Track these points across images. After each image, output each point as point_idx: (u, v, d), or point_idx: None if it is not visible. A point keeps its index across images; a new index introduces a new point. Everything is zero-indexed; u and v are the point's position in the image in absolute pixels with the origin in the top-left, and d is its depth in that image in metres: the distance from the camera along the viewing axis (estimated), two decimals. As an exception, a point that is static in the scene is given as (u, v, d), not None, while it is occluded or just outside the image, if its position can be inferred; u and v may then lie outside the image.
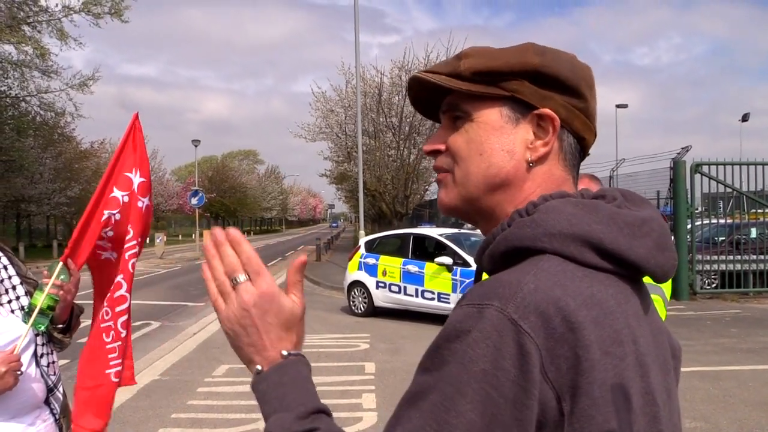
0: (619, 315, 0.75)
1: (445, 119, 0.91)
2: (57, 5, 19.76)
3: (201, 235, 36.16)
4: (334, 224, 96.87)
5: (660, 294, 2.77)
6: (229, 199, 69.53)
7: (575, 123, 0.87)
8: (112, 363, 2.23)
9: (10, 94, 22.56)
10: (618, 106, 38.93)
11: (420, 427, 0.68)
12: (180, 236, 56.30)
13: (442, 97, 0.90)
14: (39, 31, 19.86)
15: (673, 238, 8.91)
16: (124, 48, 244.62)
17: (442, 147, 0.90)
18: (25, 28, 19.42)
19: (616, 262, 0.78)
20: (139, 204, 2.30)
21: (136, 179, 2.29)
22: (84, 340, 2.32)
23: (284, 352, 0.81)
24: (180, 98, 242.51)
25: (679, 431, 0.87)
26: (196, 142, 37.05)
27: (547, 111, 0.84)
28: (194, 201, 31.10)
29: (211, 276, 0.84)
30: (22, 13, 19.32)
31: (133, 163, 2.30)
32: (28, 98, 22.92)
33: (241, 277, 0.82)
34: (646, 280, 2.80)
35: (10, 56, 20.61)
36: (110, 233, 2.24)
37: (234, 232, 0.85)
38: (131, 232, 2.27)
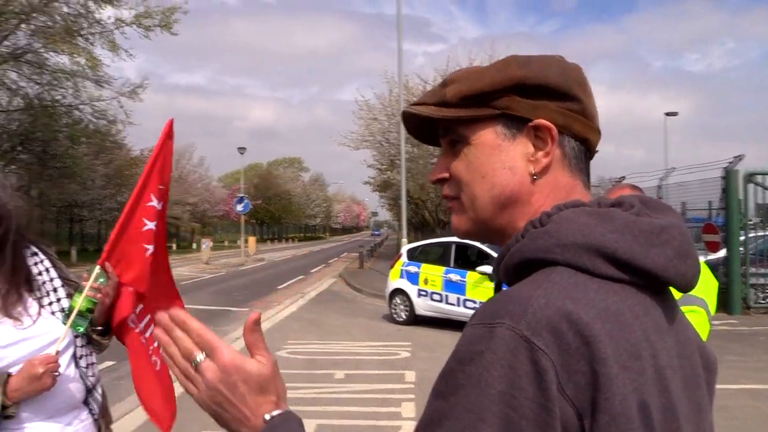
0: (636, 328, 0.72)
1: (444, 144, 0.91)
2: (110, 18, 20.42)
3: (246, 241, 36.69)
4: (376, 232, 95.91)
5: (703, 306, 2.66)
6: (274, 206, 70.50)
7: (574, 126, 0.85)
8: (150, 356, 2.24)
9: (64, 102, 23.35)
10: (667, 114, 38.03)
11: None
12: (226, 242, 57.30)
13: (437, 123, 0.90)
14: (92, 43, 20.55)
15: (725, 249, 8.54)
16: (174, 58, 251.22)
17: (446, 175, 0.90)
18: (79, 39, 20.09)
19: (632, 272, 0.75)
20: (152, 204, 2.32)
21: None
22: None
23: (267, 416, 0.79)
24: (227, 106, 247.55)
25: None
26: (241, 150, 37.70)
27: (541, 121, 0.83)
28: (240, 207, 31.60)
29: (173, 363, 0.82)
30: (76, 26, 20.00)
31: (166, 174, 2.30)
32: (81, 106, 23.66)
33: (200, 357, 0.80)
34: (691, 291, 2.66)
35: (64, 67, 21.35)
36: (155, 244, 2.23)
37: (176, 312, 0.83)
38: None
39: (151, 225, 2.21)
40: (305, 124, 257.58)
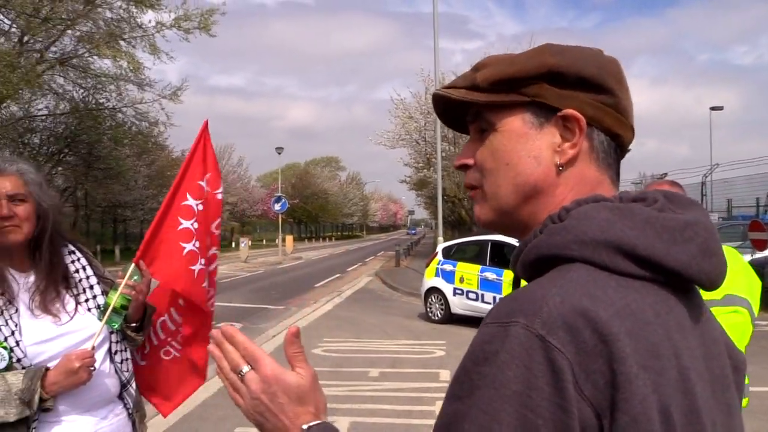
0: (657, 326, 0.70)
1: (472, 131, 0.89)
2: (150, 21, 20.86)
3: (284, 240, 37.08)
4: (411, 231, 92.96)
5: (746, 307, 2.59)
6: (312, 205, 71.01)
7: (605, 120, 0.82)
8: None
9: (108, 106, 23.97)
10: (713, 109, 37.01)
11: None
12: (264, 241, 57.94)
13: (468, 109, 0.88)
14: (133, 46, 21.04)
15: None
16: (214, 60, 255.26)
17: (471, 161, 0.88)
18: (121, 43, 20.59)
19: (654, 269, 0.73)
20: (219, 197, 2.41)
21: (206, 186, 2.34)
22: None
23: (304, 427, 0.82)
24: (266, 107, 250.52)
25: None
26: (279, 150, 38.10)
27: (570, 111, 0.81)
28: (277, 207, 31.92)
29: (224, 377, 0.87)
30: (119, 30, 20.50)
31: (205, 171, 2.34)
32: (123, 109, 24.26)
33: (245, 369, 0.85)
34: (732, 290, 2.61)
35: (108, 71, 21.91)
36: (197, 244, 2.27)
37: (226, 328, 0.89)
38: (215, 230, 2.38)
39: (187, 224, 2.24)
40: (343, 124, 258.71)
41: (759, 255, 12.42)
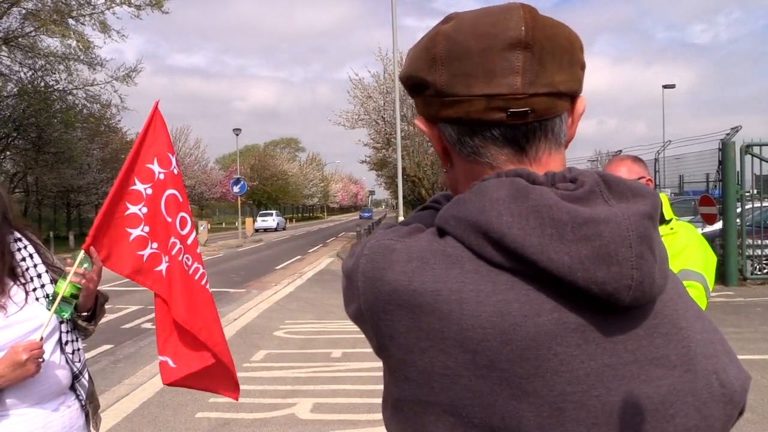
0: (528, 324, 0.67)
1: None
2: (99, -2, 20.20)
3: (243, 222, 36.71)
4: (365, 214, 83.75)
5: (701, 281, 2.63)
6: (271, 186, 70.34)
7: (441, 113, 0.76)
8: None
9: (57, 87, 23.22)
10: (665, 87, 37.77)
11: None
12: (223, 224, 57.29)
13: None
14: (82, 24, 20.38)
15: (721, 222, 8.43)
16: (175, 39, 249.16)
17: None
18: (70, 21, 19.90)
19: (524, 264, 0.67)
20: (175, 171, 2.34)
21: (157, 168, 2.26)
22: (128, 326, 2.34)
23: None
24: (227, 87, 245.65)
25: None
26: (237, 131, 37.53)
27: (416, 122, 0.83)
28: (236, 189, 31.57)
29: None
30: (66, 7, 19.80)
31: (156, 154, 2.27)
32: (74, 91, 23.56)
33: None
34: (688, 265, 2.61)
35: (56, 50, 21.21)
36: (146, 229, 2.22)
37: None
38: (188, 220, 2.33)
39: (134, 209, 2.20)
40: (307, 104, 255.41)
41: (709, 229, 12.80)
